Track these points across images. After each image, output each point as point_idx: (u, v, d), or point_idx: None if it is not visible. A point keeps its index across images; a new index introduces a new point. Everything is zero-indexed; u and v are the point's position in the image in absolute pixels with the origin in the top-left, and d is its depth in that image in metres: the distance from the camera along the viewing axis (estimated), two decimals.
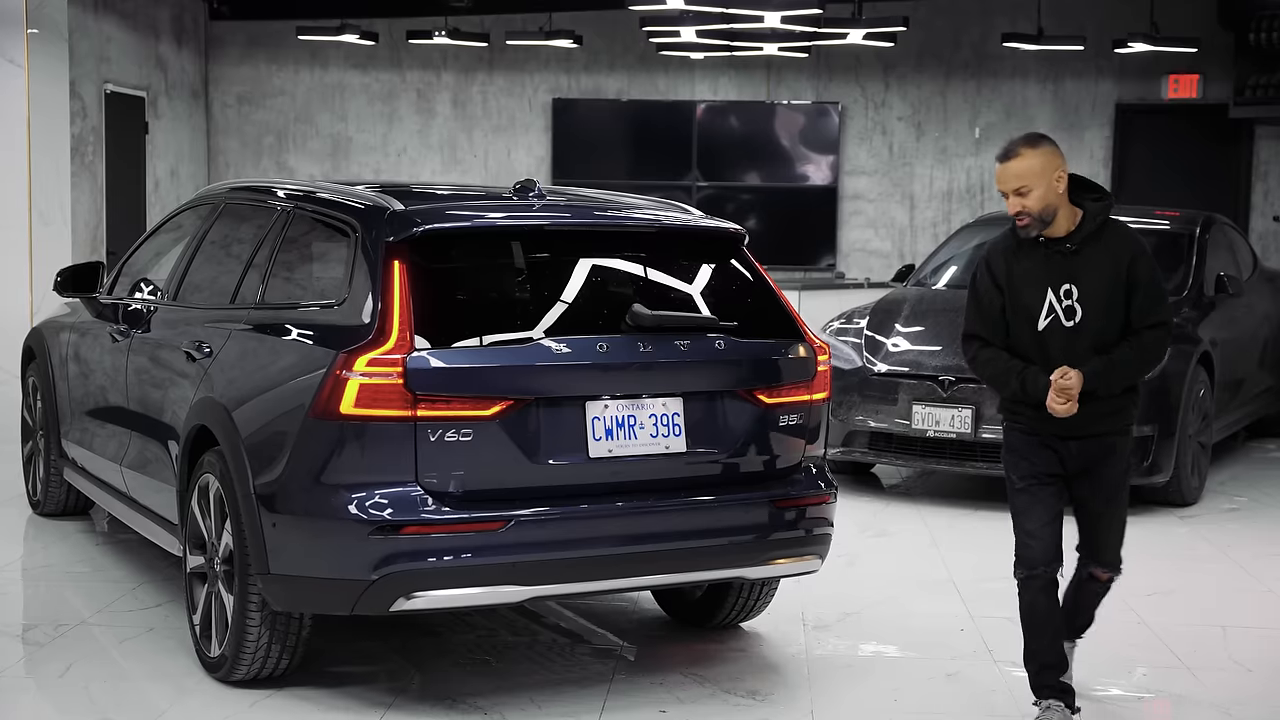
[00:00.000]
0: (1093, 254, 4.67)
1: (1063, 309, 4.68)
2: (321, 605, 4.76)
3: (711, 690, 5.18)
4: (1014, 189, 4.62)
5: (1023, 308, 4.73)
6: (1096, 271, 4.66)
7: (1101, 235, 4.70)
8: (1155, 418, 8.20)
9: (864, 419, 8.64)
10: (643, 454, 4.80)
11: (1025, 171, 4.59)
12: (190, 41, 14.87)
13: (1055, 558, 4.73)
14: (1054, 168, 4.62)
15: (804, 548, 5.13)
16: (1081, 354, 4.66)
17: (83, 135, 12.07)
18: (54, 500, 7.53)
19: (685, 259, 5.20)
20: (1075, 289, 4.66)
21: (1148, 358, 4.70)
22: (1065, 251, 4.68)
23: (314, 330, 4.85)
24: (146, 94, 13.71)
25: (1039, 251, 4.71)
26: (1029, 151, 4.64)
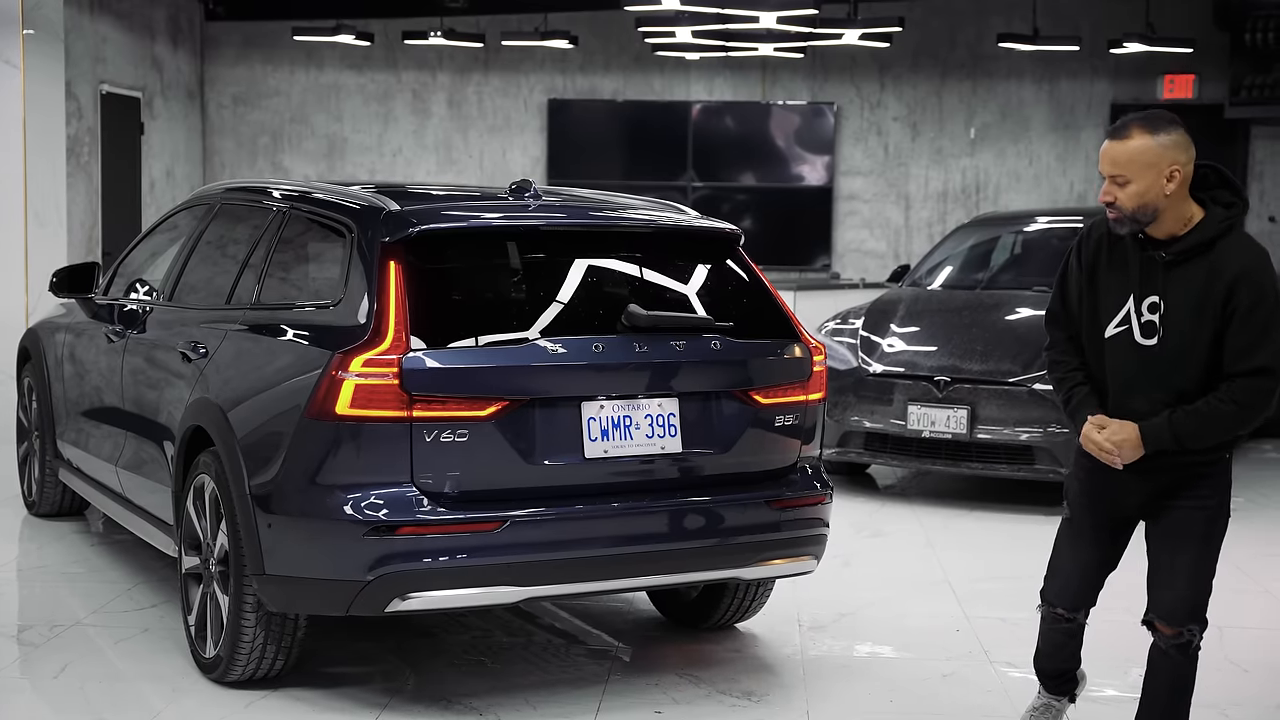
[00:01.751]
0: (1194, 269, 3.89)
1: (1141, 323, 3.96)
2: (317, 606, 4.75)
3: (707, 691, 5.18)
4: (1110, 174, 3.88)
5: (1095, 305, 4.06)
6: (1192, 290, 3.89)
7: (1215, 248, 3.89)
8: None
9: (859, 419, 8.64)
10: (638, 454, 4.79)
11: (1129, 159, 3.85)
12: (186, 42, 14.85)
13: (1081, 604, 4.24)
14: (1168, 162, 3.84)
15: (800, 548, 5.12)
16: (1149, 380, 3.96)
17: (78, 136, 12.06)
18: (49, 501, 7.52)
19: (681, 259, 5.19)
20: (1161, 304, 3.91)
21: (1236, 414, 3.87)
22: (1160, 259, 3.93)
23: (309, 331, 4.84)
24: (142, 94, 13.70)
25: (1133, 247, 3.98)
26: (1142, 136, 3.86)
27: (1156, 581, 4.08)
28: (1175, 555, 4.02)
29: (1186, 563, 4.01)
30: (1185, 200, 3.91)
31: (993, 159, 15.04)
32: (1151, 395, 3.96)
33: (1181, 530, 4.02)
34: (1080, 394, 4.09)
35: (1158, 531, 4.08)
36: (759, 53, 13.42)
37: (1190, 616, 4.03)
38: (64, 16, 10.73)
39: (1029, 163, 14.81)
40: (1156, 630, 4.10)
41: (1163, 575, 4.05)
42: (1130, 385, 3.99)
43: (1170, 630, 4.06)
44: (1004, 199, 14.90)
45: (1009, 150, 14.87)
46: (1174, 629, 4.05)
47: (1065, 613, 4.25)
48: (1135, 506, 4.12)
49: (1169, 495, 4.04)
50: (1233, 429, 3.94)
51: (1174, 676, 4.12)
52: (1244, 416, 3.90)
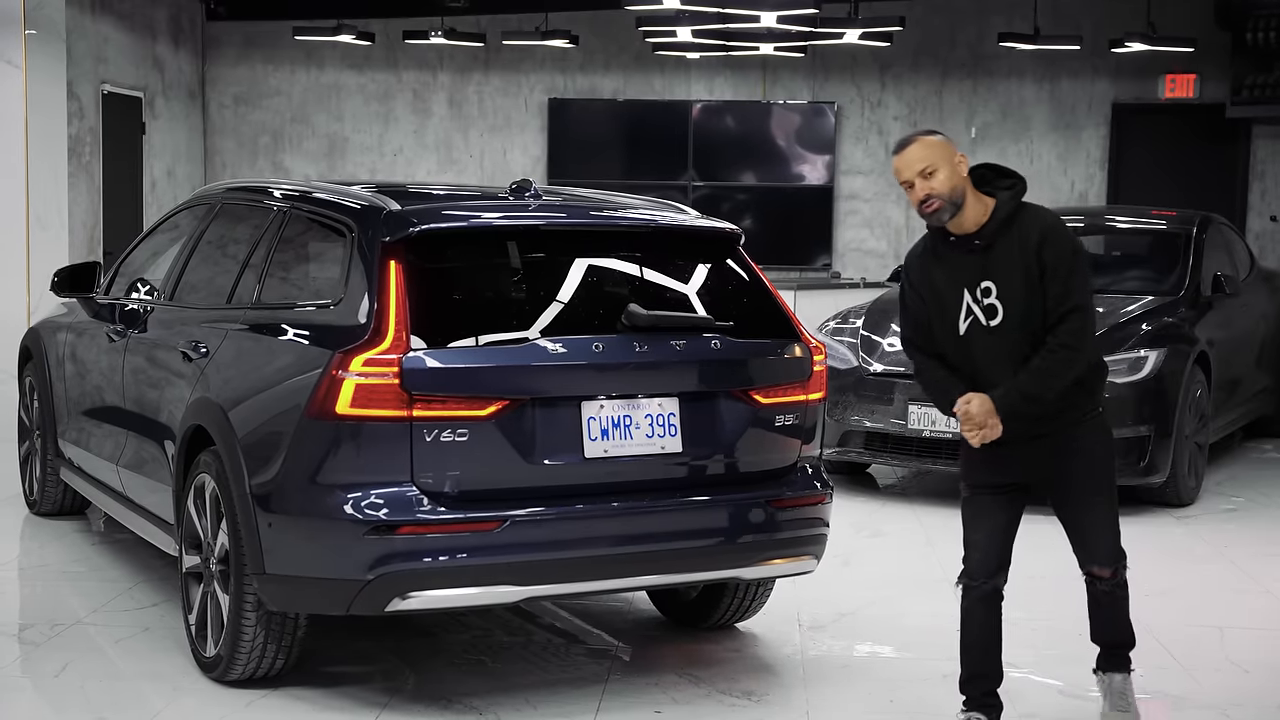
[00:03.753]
0: (1005, 246, 4.41)
1: (982, 309, 4.44)
2: (317, 605, 4.76)
3: (707, 691, 5.19)
4: (919, 171, 4.38)
5: (942, 312, 4.50)
6: (1010, 263, 4.40)
7: (1013, 224, 4.43)
8: (1151, 418, 8.22)
9: (860, 419, 8.64)
10: (638, 454, 4.80)
11: (926, 154, 4.39)
12: (187, 42, 14.86)
13: (997, 569, 4.59)
14: (952, 152, 4.43)
15: (800, 548, 5.13)
16: (1007, 356, 4.42)
17: (80, 136, 12.06)
18: (50, 500, 7.53)
19: (681, 259, 5.20)
20: (993, 286, 4.41)
21: (1066, 356, 4.37)
22: (976, 248, 4.44)
23: (310, 330, 4.85)
24: (144, 94, 13.70)
25: (951, 251, 4.48)
26: (924, 138, 4.47)
27: (1084, 537, 4.62)
28: (1091, 511, 4.58)
29: (1102, 514, 4.60)
30: (977, 196, 4.46)
31: (994, 158, 14.92)
32: (1011, 369, 4.42)
33: (1087, 488, 4.57)
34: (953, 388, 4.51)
35: (1066, 496, 4.60)
36: (759, 52, 13.42)
37: (1117, 555, 4.65)
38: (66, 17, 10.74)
39: (1030, 162, 14.80)
40: (1095, 577, 4.67)
41: (1088, 530, 4.60)
42: (991, 365, 4.45)
43: (1108, 572, 4.65)
44: None
45: (1010, 149, 14.86)
46: (1110, 570, 4.64)
47: (985, 581, 4.61)
48: (1028, 475, 4.57)
49: (1059, 461, 4.52)
50: (1066, 372, 4.40)
51: (1115, 600, 4.73)
52: (1072, 357, 4.38)
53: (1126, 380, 8.22)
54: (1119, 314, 8.71)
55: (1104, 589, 4.70)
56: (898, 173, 4.49)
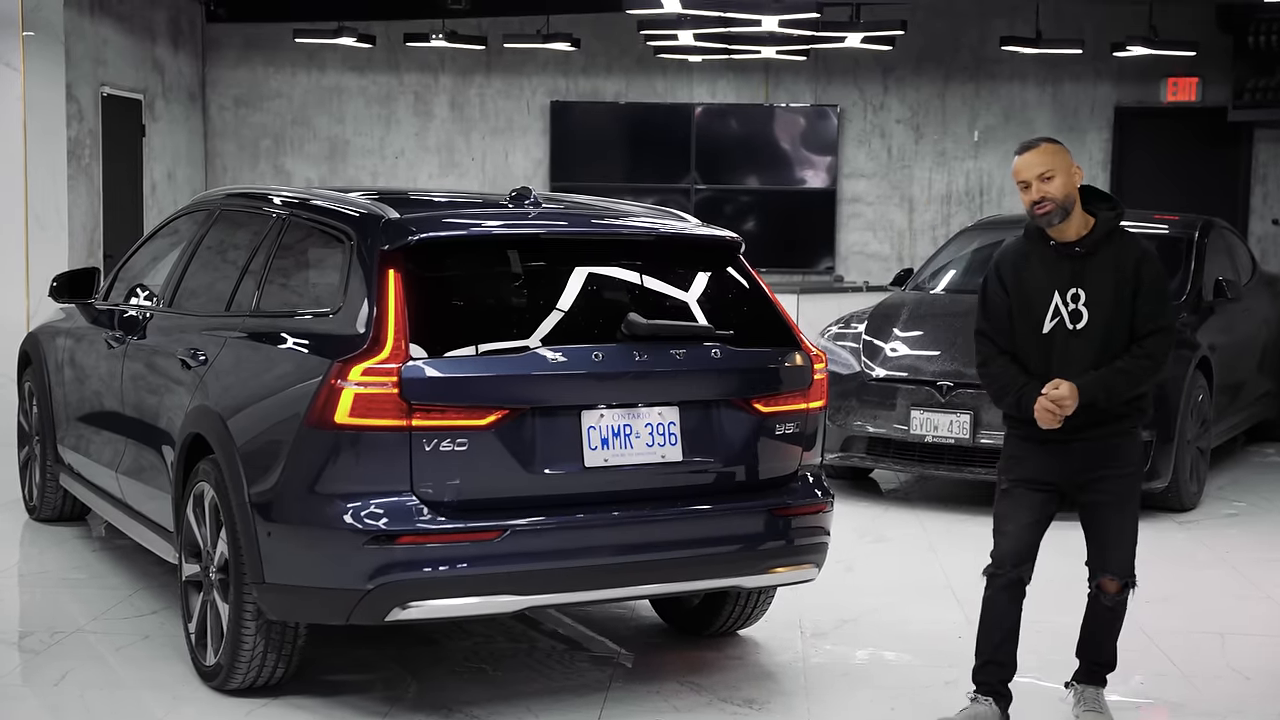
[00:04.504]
0: (1101, 259, 4.73)
1: (1068, 313, 4.74)
2: (316, 615, 4.74)
3: (709, 699, 5.17)
4: (1039, 174, 4.69)
5: (1028, 311, 4.79)
6: (1104, 275, 4.71)
7: (1111, 241, 4.76)
8: (1153, 423, 8.17)
9: (862, 424, 8.63)
10: (639, 463, 4.78)
11: (1048, 160, 4.71)
12: (187, 44, 14.85)
13: (1024, 559, 4.80)
14: (1070, 162, 4.77)
15: (801, 556, 5.11)
16: (1085, 359, 4.71)
17: (79, 138, 12.05)
18: (50, 506, 7.52)
19: (681, 267, 5.18)
20: (1083, 293, 4.72)
21: (1149, 366, 4.72)
22: (1074, 255, 4.75)
23: (309, 339, 4.83)
24: (143, 97, 13.68)
25: (1049, 255, 4.79)
26: (1050, 144, 4.80)
27: (1101, 544, 4.81)
28: (1113, 521, 4.78)
29: (1124, 525, 4.79)
30: (1080, 209, 4.76)
31: (996, 161, 15.01)
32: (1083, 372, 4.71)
33: (1114, 499, 4.77)
34: (1028, 385, 4.76)
35: (1094, 503, 4.80)
36: (761, 55, 13.39)
37: (1130, 570, 4.83)
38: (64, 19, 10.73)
39: None
40: (1102, 589, 4.85)
41: (1106, 538, 4.79)
42: (1067, 366, 4.72)
43: (1115, 586, 4.82)
44: (1008, 202, 14.86)
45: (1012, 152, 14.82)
46: (1118, 583, 4.82)
47: (1011, 569, 4.80)
48: (1062, 479, 4.81)
49: (1094, 471, 4.76)
50: (1145, 379, 4.74)
51: (1114, 619, 4.91)
52: (1155, 367, 4.73)
53: None
54: None
55: (1106, 604, 4.85)
56: (1017, 173, 4.79)
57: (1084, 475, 4.78)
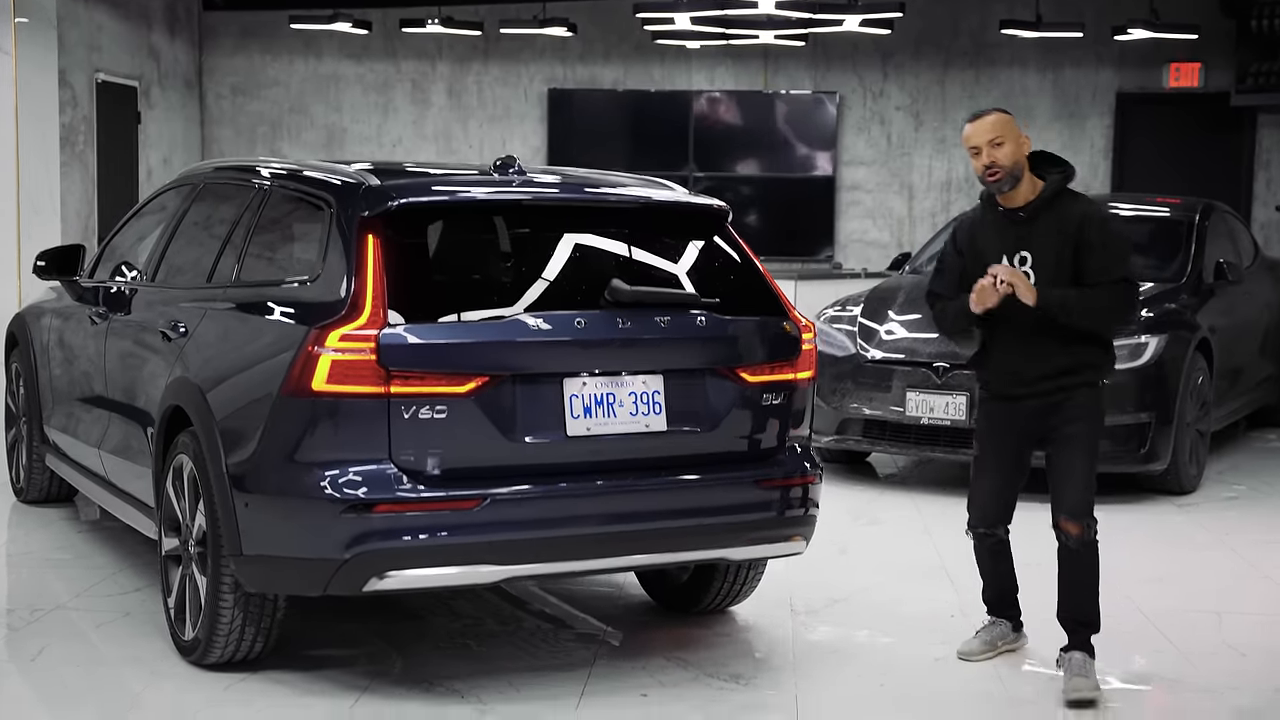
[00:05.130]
0: (1045, 222, 4.94)
1: None
2: (294, 586, 4.66)
3: (695, 674, 5.09)
4: (989, 140, 4.90)
5: (980, 273, 4.97)
6: (1048, 238, 4.92)
7: (1056, 204, 4.96)
8: (1152, 404, 8.11)
9: (858, 406, 8.54)
10: (622, 432, 4.70)
11: (999, 127, 4.92)
12: (183, 31, 14.78)
13: (998, 520, 5.17)
14: (1019, 131, 4.97)
15: (789, 529, 5.03)
16: (1032, 321, 4.89)
17: (74, 124, 11.98)
18: (37, 487, 7.45)
19: (667, 235, 5.10)
20: (1029, 255, 4.94)
21: (1112, 306, 4.92)
22: (1019, 220, 4.97)
23: (287, 307, 4.75)
24: (139, 84, 13.62)
25: (998, 220, 5.03)
26: (998, 113, 5.02)
27: (1060, 489, 4.98)
28: (1070, 466, 4.96)
29: (1080, 469, 4.96)
30: (1030, 177, 4.97)
31: None
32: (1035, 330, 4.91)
33: (1072, 447, 4.96)
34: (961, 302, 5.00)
35: (1055, 452, 5.01)
36: (760, 40, 13.31)
37: (1087, 511, 4.95)
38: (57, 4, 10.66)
39: None
40: (1063, 531, 4.98)
41: (1064, 483, 4.97)
42: (1016, 327, 4.93)
43: (1075, 528, 4.95)
44: None
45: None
46: (1078, 525, 4.94)
47: (987, 530, 5.18)
48: (1030, 434, 5.05)
49: (1056, 423, 4.96)
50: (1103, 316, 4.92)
51: (1084, 565, 5.00)
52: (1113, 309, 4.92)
53: (1127, 366, 8.09)
54: None
55: (1071, 545, 4.99)
56: (967, 139, 4.98)
57: (1042, 428, 5.01)
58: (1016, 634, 5.37)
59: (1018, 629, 5.38)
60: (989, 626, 5.36)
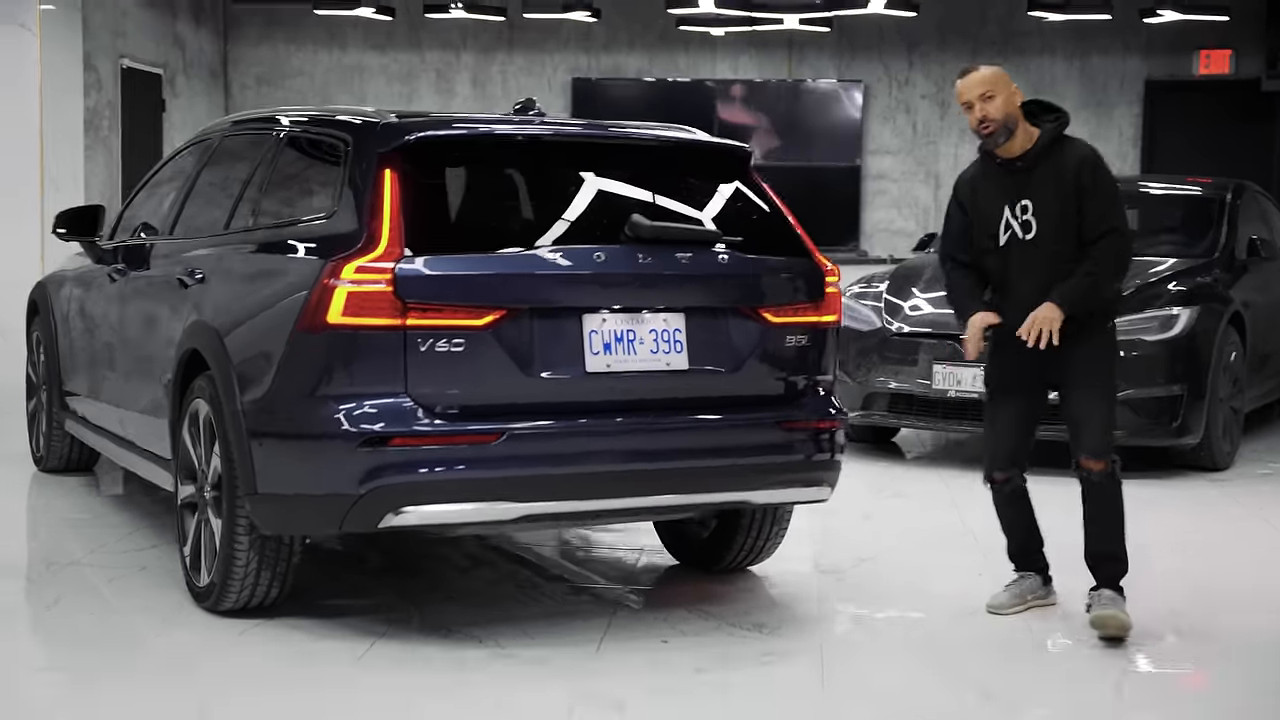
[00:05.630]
0: (1045, 169, 4.94)
1: (1019, 224, 4.96)
2: (310, 525, 4.59)
3: (717, 624, 4.99)
4: (980, 94, 4.91)
5: (984, 226, 5.03)
6: (1047, 185, 4.93)
7: (1053, 151, 4.96)
8: (1184, 377, 7.98)
9: (884, 380, 8.42)
10: (643, 370, 4.61)
11: (988, 79, 4.93)
12: (208, 21, 14.78)
13: (1011, 464, 5.10)
14: (1010, 83, 4.98)
15: (813, 472, 4.92)
16: (1039, 266, 4.93)
17: (98, 108, 11.97)
18: (57, 455, 7.40)
19: (690, 175, 5.02)
20: (1030, 204, 4.93)
21: (1107, 269, 4.92)
22: (1017, 169, 4.96)
23: (303, 243, 4.68)
24: (164, 72, 13.61)
25: (997, 172, 5.01)
26: (987, 67, 5.04)
27: (1078, 429, 4.96)
28: (1089, 407, 4.94)
29: (1097, 408, 4.95)
30: (1025, 127, 4.97)
31: None
32: (1039, 278, 4.91)
33: (1087, 386, 4.94)
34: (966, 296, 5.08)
35: (1070, 393, 4.98)
36: (785, 26, 13.22)
37: (1108, 449, 4.95)
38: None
39: None
40: (1086, 468, 4.95)
41: (1082, 422, 4.94)
42: (1023, 274, 4.95)
43: (1097, 464, 4.93)
44: None
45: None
46: (1100, 461, 4.93)
47: (1003, 475, 5.11)
48: (1041, 376, 5.01)
49: (1068, 364, 4.92)
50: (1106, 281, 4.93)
51: (1108, 498, 4.99)
52: (1110, 271, 4.93)
53: (1157, 338, 7.99)
54: (1149, 274, 8.48)
55: (1095, 479, 4.96)
56: (960, 94, 5.00)
57: (1053, 368, 4.96)
58: (1046, 588, 5.26)
59: (1047, 583, 5.27)
60: (1017, 580, 5.25)
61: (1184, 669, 4.76)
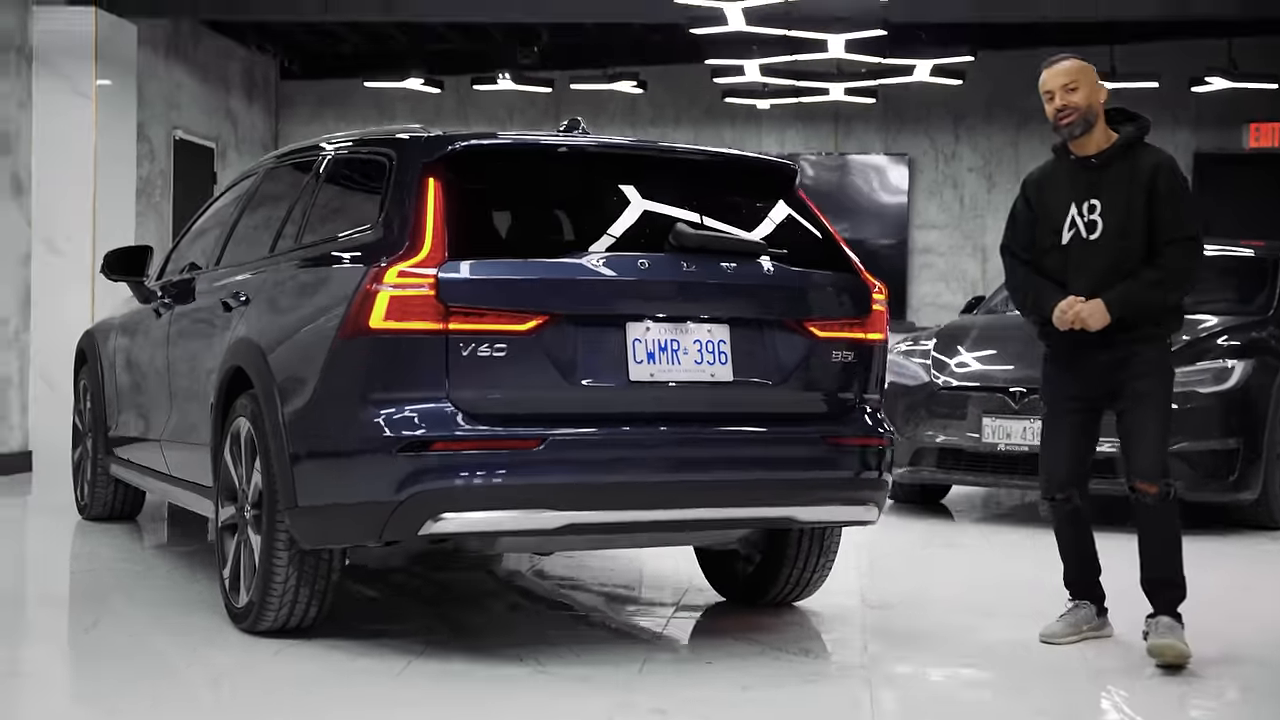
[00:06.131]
0: (1117, 170, 4.84)
1: (1084, 223, 4.85)
2: (350, 535, 4.50)
3: (762, 649, 4.87)
4: (1063, 84, 4.83)
5: (1048, 222, 4.93)
6: (1119, 186, 4.82)
7: (1129, 154, 4.86)
8: (1240, 430, 7.83)
9: (932, 434, 8.30)
10: (686, 380, 4.54)
11: (1075, 70, 4.85)
12: (260, 98, 15.02)
13: (1069, 483, 4.96)
14: (1096, 77, 4.90)
15: (859, 491, 4.82)
16: (1100, 268, 4.81)
17: (150, 177, 12.14)
18: (101, 502, 7.38)
19: (734, 191, 4.99)
20: (1098, 204, 4.83)
21: (1172, 277, 4.80)
22: (1091, 167, 4.86)
23: (346, 253, 4.67)
24: (216, 145, 13.82)
25: (1070, 168, 4.92)
26: (1074, 58, 4.94)
27: (1133, 451, 4.82)
28: (1143, 425, 4.81)
29: (1152, 429, 4.81)
30: (1105, 128, 4.89)
31: None
32: (1099, 278, 4.80)
33: (1143, 405, 4.80)
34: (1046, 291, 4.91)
35: (1125, 410, 4.85)
36: (830, 98, 13.29)
37: (1163, 471, 4.79)
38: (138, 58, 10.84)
39: None
40: (1141, 491, 4.79)
41: (1136, 444, 4.81)
42: (1083, 273, 4.83)
43: (1150, 487, 4.77)
44: None
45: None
46: (1154, 484, 4.77)
47: (1061, 495, 4.97)
48: (1099, 391, 4.90)
49: (1125, 378, 4.82)
50: (1170, 291, 4.81)
51: (1165, 522, 4.83)
52: (1175, 280, 4.80)
53: (1212, 390, 7.86)
54: (1201, 329, 8.37)
55: (1148, 502, 4.81)
56: (1043, 83, 4.90)
57: (1109, 384, 4.86)
58: (1101, 619, 5.11)
59: (1102, 613, 5.11)
60: (1072, 610, 5.09)
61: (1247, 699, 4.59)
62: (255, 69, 14.81)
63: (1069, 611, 5.09)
